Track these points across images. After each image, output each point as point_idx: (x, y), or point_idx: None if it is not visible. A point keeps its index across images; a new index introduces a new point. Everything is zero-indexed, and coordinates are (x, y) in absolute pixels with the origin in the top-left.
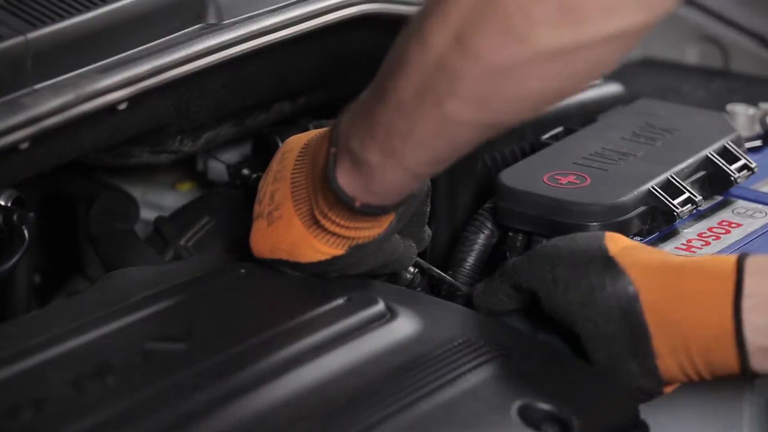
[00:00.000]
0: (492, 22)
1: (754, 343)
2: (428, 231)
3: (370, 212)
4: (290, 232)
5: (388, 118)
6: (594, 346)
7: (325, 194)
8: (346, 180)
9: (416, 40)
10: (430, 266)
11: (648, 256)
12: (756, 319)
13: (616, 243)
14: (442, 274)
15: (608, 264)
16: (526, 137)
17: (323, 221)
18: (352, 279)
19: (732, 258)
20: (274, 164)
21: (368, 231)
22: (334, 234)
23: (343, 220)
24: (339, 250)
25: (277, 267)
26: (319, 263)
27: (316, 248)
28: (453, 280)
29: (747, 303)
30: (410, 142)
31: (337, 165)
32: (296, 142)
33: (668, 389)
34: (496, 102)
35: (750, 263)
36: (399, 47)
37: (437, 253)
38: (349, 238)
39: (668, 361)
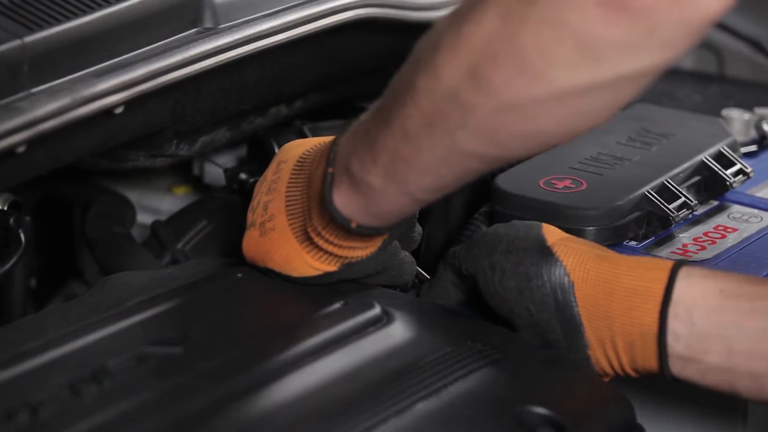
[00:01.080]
0: (509, 58)
1: (673, 350)
2: (419, 229)
3: (365, 233)
4: (283, 245)
5: (394, 144)
6: (529, 334)
7: (320, 212)
8: (343, 201)
9: (426, 70)
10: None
11: (585, 248)
12: (678, 327)
13: (552, 234)
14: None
15: (545, 253)
16: None
17: (317, 239)
18: (349, 283)
19: (668, 262)
20: (269, 174)
21: (361, 251)
22: (327, 252)
23: (337, 239)
24: (332, 267)
25: (268, 275)
26: (311, 278)
27: (309, 263)
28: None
29: (673, 309)
30: (415, 169)
31: (334, 185)
32: (292, 152)
33: (604, 379)
34: (506, 136)
35: (684, 271)
36: (406, 75)
37: (432, 254)
38: (342, 256)
39: (598, 353)
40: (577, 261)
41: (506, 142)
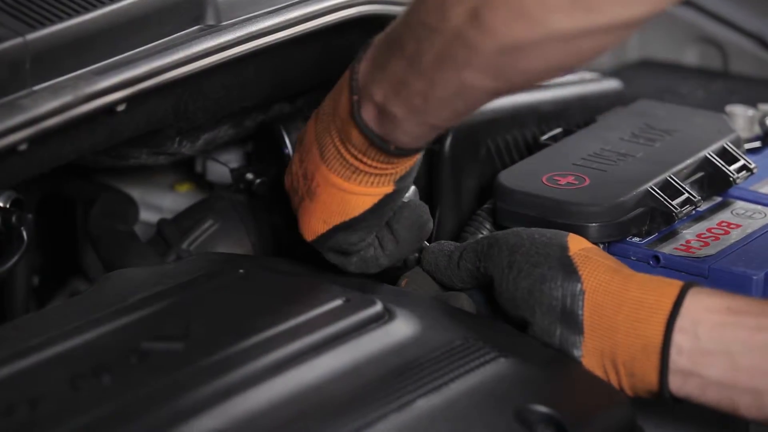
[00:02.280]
0: (506, 4)
1: (675, 363)
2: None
3: (405, 153)
4: (334, 192)
5: (410, 78)
6: (530, 333)
7: (356, 140)
8: (373, 125)
9: (436, 9)
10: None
11: (603, 261)
12: (682, 341)
13: (577, 243)
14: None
15: (564, 260)
16: (527, 125)
17: (363, 167)
18: (351, 280)
19: (678, 282)
20: (296, 155)
21: (407, 162)
22: (376, 175)
23: (381, 161)
24: (388, 187)
25: (336, 244)
26: (375, 210)
27: (365, 193)
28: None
29: (679, 323)
30: (431, 102)
31: (362, 109)
32: (305, 130)
33: None
34: (510, 73)
35: (694, 290)
36: (419, 11)
37: (444, 238)
38: (390, 175)
39: (593, 363)
40: (592, 271)
41: (511, 78)
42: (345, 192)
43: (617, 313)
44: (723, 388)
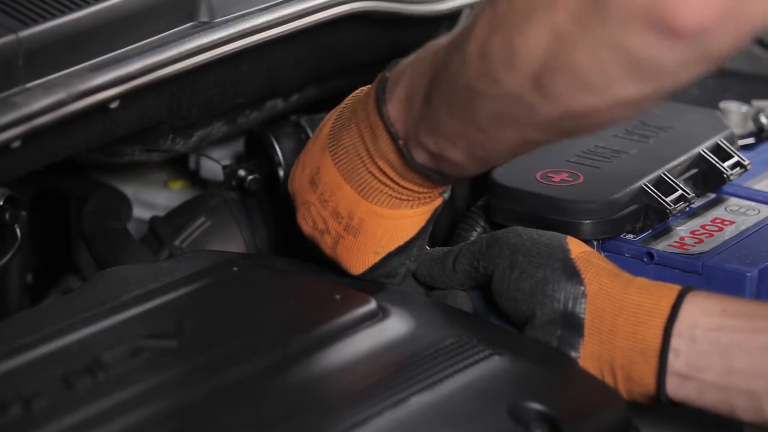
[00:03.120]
0: (568, 74)
1: (672, 367)
2: None
3: (459, 179)
4: (384, 223)
5: (467, 132)
6: (529, 335)
7: (411, 177)
8: (430, 165)
9: (484, 76)
10: None
11: (603, 265)
12: (679, 344)
13: (577, 246)
14: None
15: (567, 263)
16: None
17: (417, 196)
18: (345, 277)
19: (677, 286)
20: (310, 197)
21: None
22: (429, 197)
23: (435, 188)
24: (437, 201)
25: (391, 270)
26: (427, 225)
27: (419, 214)
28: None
29: (677, 326)
30: (493, 150)
31: (414, 155)
32: (319, 159)
33: None
34: (573, 131)
35: (693, 294)
36: (458, 74)
37: (437, 240)
38: (440, 190)
39: (590, 366)
40: (594, 275)
41: (572, 133)
42: (398, 219)
43: (617, 317)
44: (720, 391)
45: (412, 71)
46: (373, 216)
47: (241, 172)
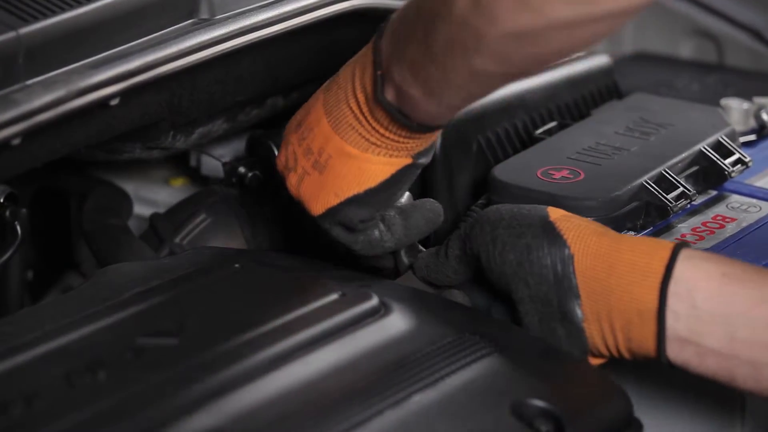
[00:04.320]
0: None
1: (672, 330)
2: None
3: (425, 129)
4: (350, 162)
5: (425, 63)
6: (525, 309)
7: (378, 115)
8: (394, 102)
9: (444, 1)
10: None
11: (586, 224)
12: (679, 307)
13: (556, 212)
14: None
15: (547, 227)
16: (517, 116)
17: (384, 140)
18: (347, 274)
19: (670, 243)
20: (291, 137)
21: (427, 138)
22: (396, 148)
23: (402, 135)
24: (407, 159)
25: (346, 218)
26: (391, 182)
27: (386, 163)
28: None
29: (673, 287)
30: (446, 87)
31: (384, 89)
32: (306, 109)
33: (594, 361)
34: (517, 59)
35: (685, 252)
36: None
37: (439, 235)
38: (410, 148)
39: (593, 329)
40: (578, 235)
41: (517, 63)
42: (363, 162)
43: (609, 276)
44: (721, 358)
45: (405, 4)
46: (341, 154)
47: (241, 169)
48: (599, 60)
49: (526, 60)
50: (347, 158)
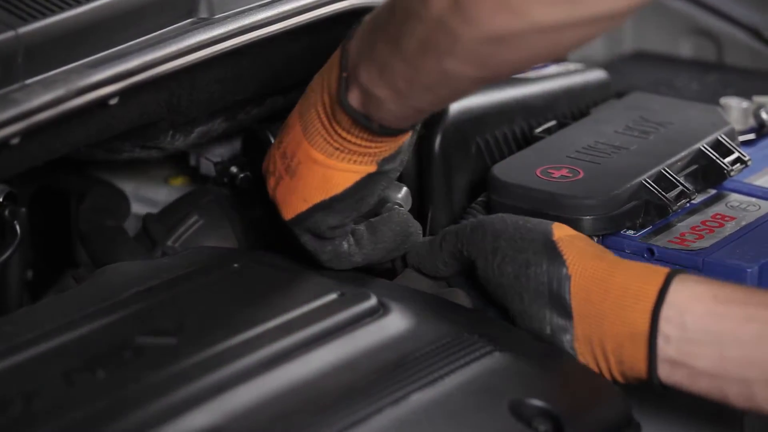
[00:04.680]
0: None
1: (663, 352)
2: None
3: (389, 133)
4: (316, 169)
5: (394, 62)
6: (519, 322)
7: (341, 118)
8: (358, 105)
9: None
10: None
11: (587, 247)
12: (669, 330)
13: (561, 229)
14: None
15: (549, 245)
16: (516, 121)
17: (346, 144)
18: (346, 274)
19: (665, 268)
20: (276, 140)
21: (391, 144)
22: (359, 153)
23: (365, 140)
24: (371, 167)
25: (314, 225)
26: (356, 189)
27: (348, 170)
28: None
29: (665, 312)
30: (415, 87)
31: (349, 89)
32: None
33: None
34: (493, 62)
35: (680, 277)
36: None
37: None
38: (374, 154)
39: (585, 351)
40: (577, 256)
41: (492, 67)
42: (327, 168)
43: (603, 300)
44: (712, 378)
45: (377, 8)
46: (308, 159)
47: (233, 169)
48: (596, 74)
49: (502, 64)
50: (313, 164)
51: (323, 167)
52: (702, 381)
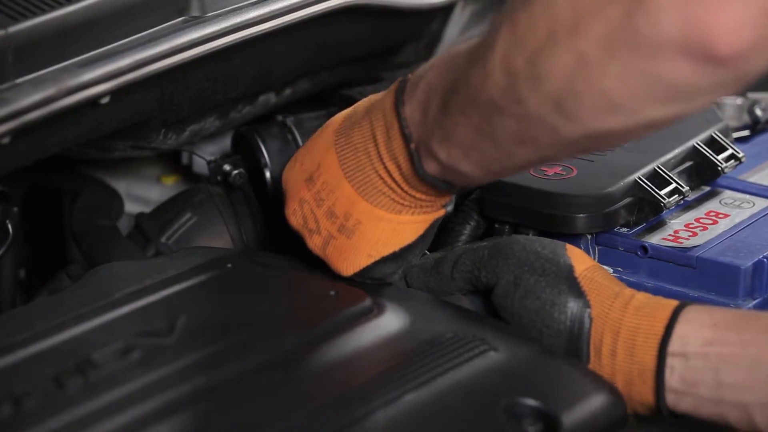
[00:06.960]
0: (593, 97)
1: (669, 384)
2: None
3: (456, 192)
4: (383, 226)
5: (484, 147)
6: None
7: (415, 184)
8: (436, 173)
9: (507, 94)
10: None
11: (606, 284)
12: (673, 361)
13: (580, 261)
14: None
15: (572, 284)
16: None
17: (419, 202)
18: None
19: (673, 302)
20: (305, 194)
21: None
22: (431, 205)
23: (439, 195)
24: (440, 212)
25: (379, 274)
26: (426, 234)
27: (419, 221)
28: None
29: (671, 345)
30: (507, 166)
31: (423, 164)
32: (318, 156)
33: None
34: (593, 149)
35: (687, 310)
36: (483, 87)
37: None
38: (443, 200)
39: None
40: (598, 297)
41: (591, 150)
42: (397, 223)
43: (616, 340)
44: (713, 405)
45: (431, 76)
46: (372, 218)
47: (226, 167)
48: None
49: (597, 149)
50: (379, 221)
51: (392, 223)
52: (704, 408)
